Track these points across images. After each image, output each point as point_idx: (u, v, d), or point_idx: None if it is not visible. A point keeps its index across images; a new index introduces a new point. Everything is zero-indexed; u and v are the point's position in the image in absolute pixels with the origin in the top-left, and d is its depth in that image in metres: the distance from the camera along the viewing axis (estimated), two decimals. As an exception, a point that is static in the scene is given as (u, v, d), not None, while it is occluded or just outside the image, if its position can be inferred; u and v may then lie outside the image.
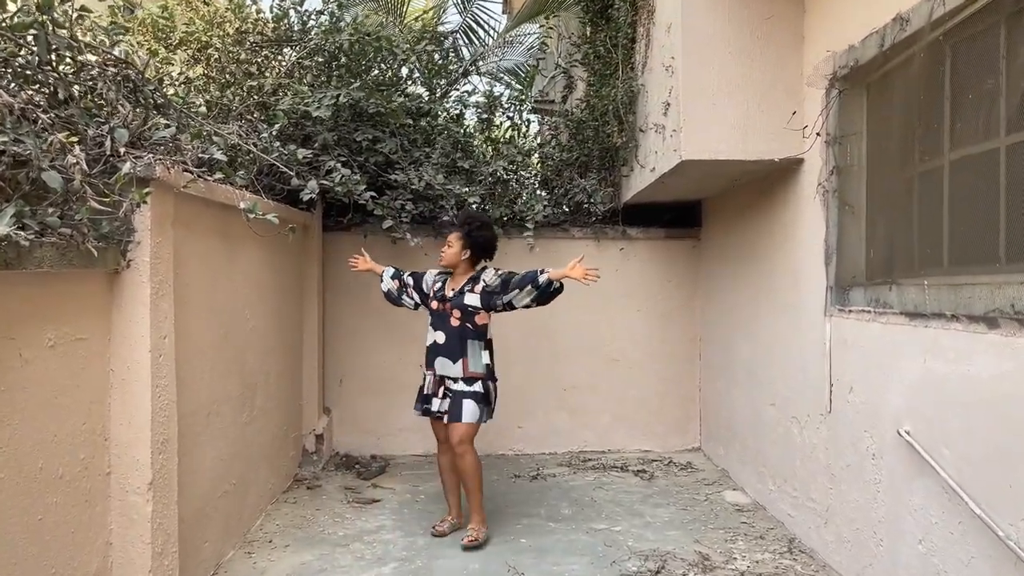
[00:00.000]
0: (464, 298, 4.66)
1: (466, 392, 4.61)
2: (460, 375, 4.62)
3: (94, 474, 3.03)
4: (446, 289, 4.76)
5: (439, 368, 4.69)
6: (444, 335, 4.67)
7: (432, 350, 4.73)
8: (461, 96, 6.85)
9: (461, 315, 4.65)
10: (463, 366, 4.63)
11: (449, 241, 4.76)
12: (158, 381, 3.25)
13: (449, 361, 4.65)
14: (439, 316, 4.72)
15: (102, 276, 3.09)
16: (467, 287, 4.70)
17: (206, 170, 4.03)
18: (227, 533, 4.35)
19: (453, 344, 4.64)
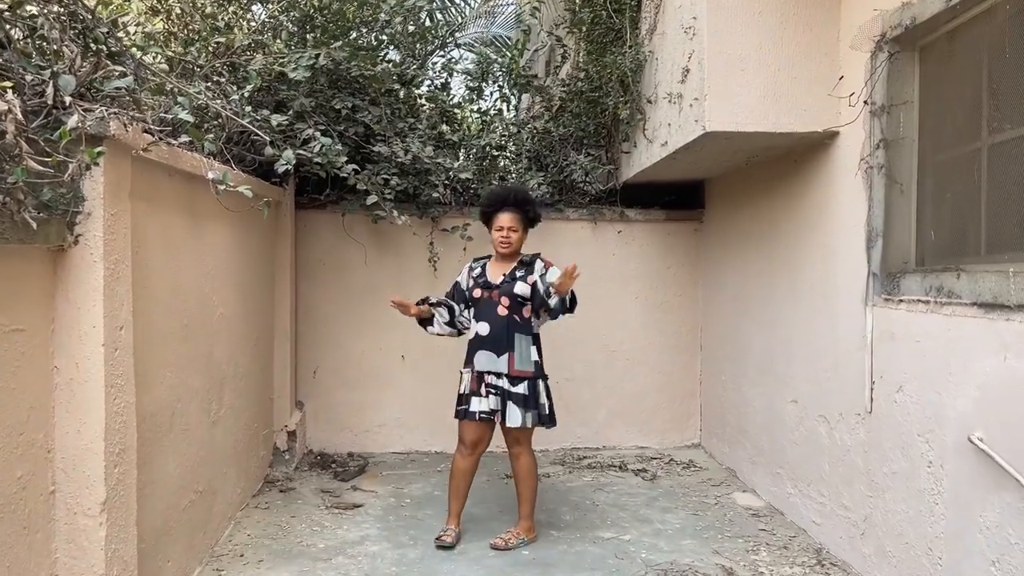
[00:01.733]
0: (515, 285, 4.17)
1: (511, 393, 4.13)
2: (505, 371, 4.12)
3: (34, 495, 2.50)
4: (489, 274, 4.26)
5: (481, 364, 4.17)
6: (488, 326, 4.16)
7: (474, 344, 4.22)
8: (447, 63, 6.31)
9: (510, 304, 4.16)
10: (508, 362, 4.13)
11: (511, 225, 4.19)
12: (114, 380, 2.71)
13: (493, 355, 4.14)
14: (484, 305, 4.20)
15: (44, 254, 2.53)
16: (519, 273, 4.21)
17: (169, 133, 3.48)
18: (192, 548, 3.82)
19: (499, 336, 4.14)
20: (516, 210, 4.21)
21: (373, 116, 5.40)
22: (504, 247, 4.21)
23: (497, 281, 4.20)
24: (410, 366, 6.23)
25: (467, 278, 4.35)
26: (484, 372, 4.15)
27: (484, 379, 4.15)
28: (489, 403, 4.15)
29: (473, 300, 4.25)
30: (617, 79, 5.47)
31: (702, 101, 4.14)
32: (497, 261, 4.30)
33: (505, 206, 4.21)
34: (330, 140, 4.60)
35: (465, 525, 4.52)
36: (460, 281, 4.38)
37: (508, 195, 4.25)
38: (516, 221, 4.20)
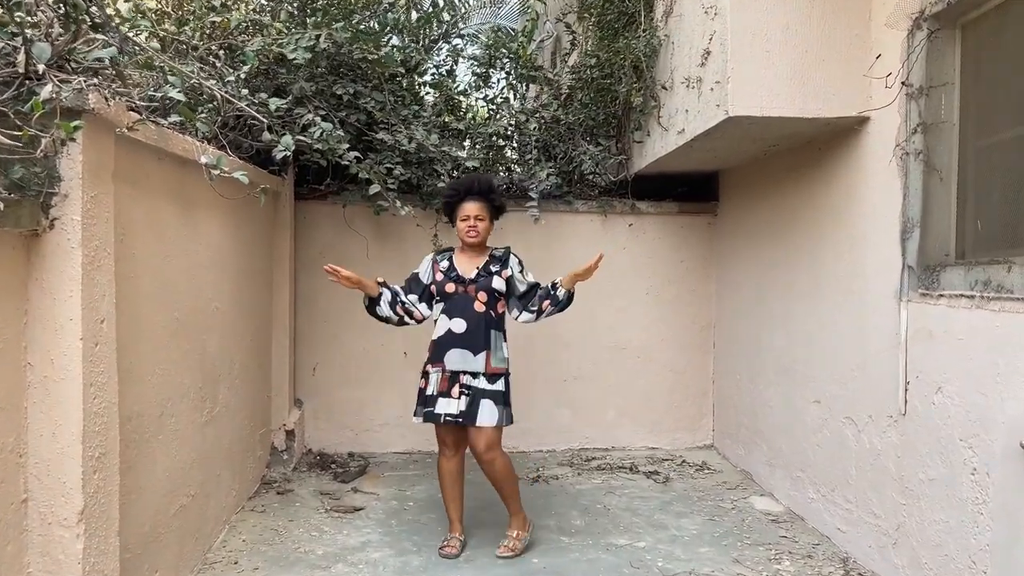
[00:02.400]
0: (492, 280, 4.00)
1: (487, 391, 3.91)
2: (482, 370, 3.90)
3: (4, 504, 2.27)
4: (459, 268, 4.02)
5: (454, 362, 3.92)
6: (464, 323, 3.93)
7: (445, 341, 3.95)
8: (453, 48, 6.07)
9: (487, 299, 3.97)
10: (486, 360, 3.92)
11: (479, 214, 3.99)
12: (93, 378, 2.48)
13: (470, 353, 3.91)
14: (458, 300, 3.97)
15: (15, 239, 2.31)
16: (493, 268, 4.04)
17: (158, 112, 3.26)
18: (182, 556, 3.59)
19: (476, 333, 3.92)
20: (482, 199, 4.01)
21: (376, 103, 5.17)
22: (472, 237, 3.98)
23: (471, 275, 3.99)
24: (412, 363, 5.97)
25: (431, 271, 4.09)
26: (459, 372, 3.91)
27: (459, 379, 3.90)
28: (460, 404, 3.89)
29: (444, 295, 3.99)
30: (630, 64, 5.24)
31: (724, 84, 3.91)
32: (465, 253, 4.08)
33: (470, 194, 4.00)
34: (331, 125, 4.37)
35: (469, 530, 4.30)
36: (420, 273, 4.12)
37: (473, 183, 4.04)
38: (483, 210, 4.00)
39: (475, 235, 3.99)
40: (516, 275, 4.05)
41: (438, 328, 4.01)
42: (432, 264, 4.12)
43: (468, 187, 4.03)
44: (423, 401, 4.02)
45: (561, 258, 5.77)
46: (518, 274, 4.06)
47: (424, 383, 4.04)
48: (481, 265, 4.03)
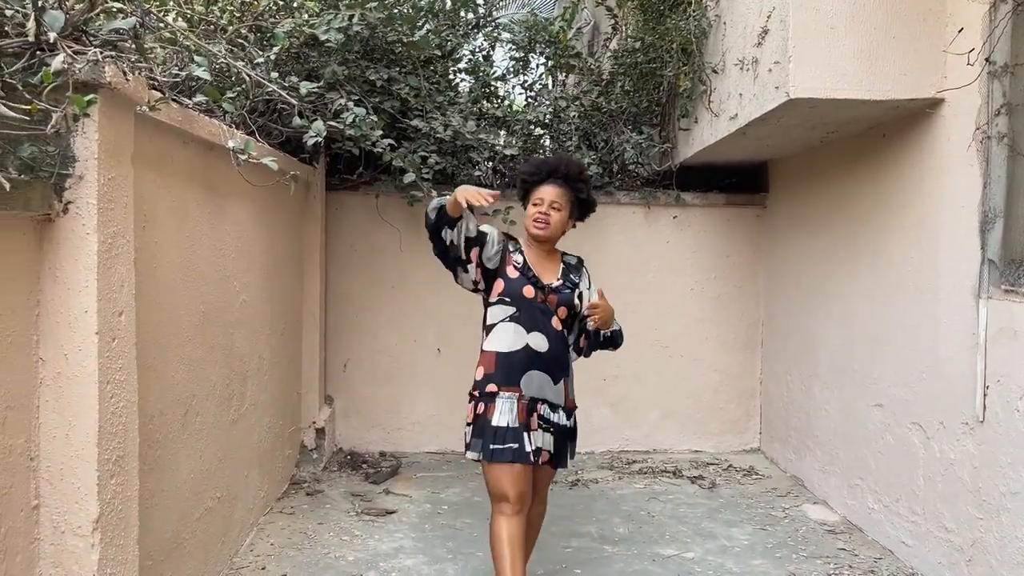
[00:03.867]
0: (574, 294, 3.17)
1: (567, 430, 3.18)
2: (562, 403, 3.14)
3: (13, 511, 2.09)
4: (536, 269, 3.16)
5: (533, 388, 3.05)
6: (546, 340, 3.08)
7: (521, 360, 3.05)
8: (491, 33, 5.85)
9: (566, 316, 3.16)
10: (564, 391, 3.16)
11: (555, 202, 3.12)
12: (110, 375, 2.29)
13: (550, 380, 3.08)
14: (536, 311, 3.09)
15: (26, 224, 2.12)
16: (575, 278, 3.23)
17: (183, 93, 3.07)
18: (207, 562, 3.42)
19: (557, 356, 3.12)
20: (565, 185, 3.15)
21: (411, 89, 4.96)
22: (539, 227, 3.11)
23: (552, 282, 3.15)
24: (446, 360, 5.79)
25: (501, 253, 3.15)
26: (538, 400, 3.06)
27: (536, 409, 3.05)
28: (543, 441, 3.07)
29: (517, 299, 3.09)
30: (678, 47, 4.97)
31: (784, 64, 3.64)
32: (534, 251, 3.21)
33: (553, 176, 3.16)
34: (364, 111, 4.17)
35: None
36: (487, 235, 3.12)
37: (560, 164, 3.20)
38: (562, 198, 3.14)
39: (543, 226, 3.11)
40: (586, 292, 3.24)
41: (505, 340, 3.08)
42: (504, 247, 3.17)
43: (552, 167, 3.17)
44: (493, 434, 3.00)
45: (602, 251, 5.53)
46: (587, 291, 3.24)
47: (486, 409, 3.04)
48: (560, 272, 3.21)
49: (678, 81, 5.04)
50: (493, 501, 3.05)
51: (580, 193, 3.21)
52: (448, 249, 3.02)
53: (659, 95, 5.61)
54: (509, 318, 3.10)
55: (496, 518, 3.02)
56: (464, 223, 2.97)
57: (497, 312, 3.13)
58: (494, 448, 2.97)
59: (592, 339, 3.21)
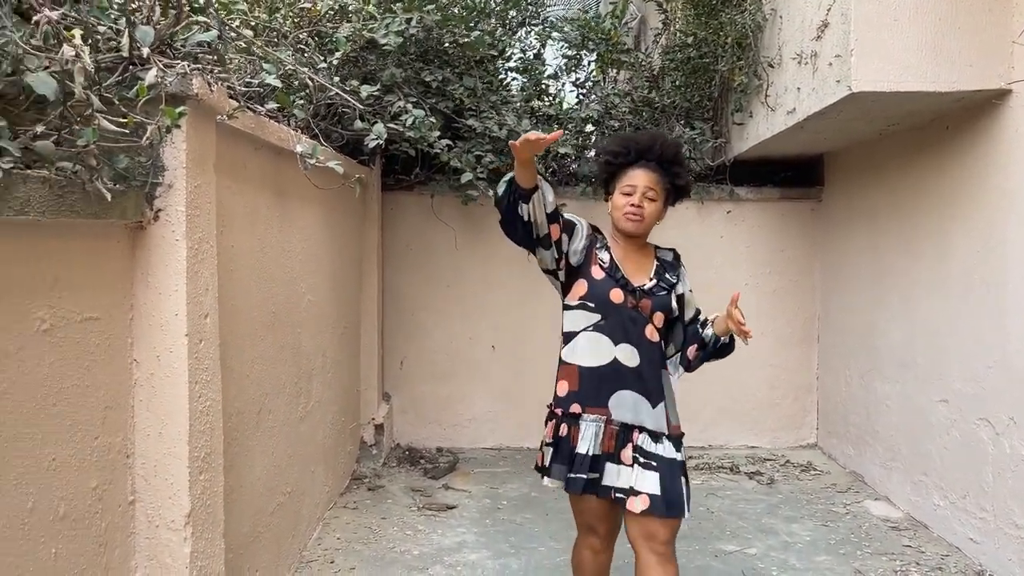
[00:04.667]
0: (671, 297, 2.66)
1: (677, 463, 2.58)
2: (665, 430, 2.59)
3: (111, 506, 2.19)
4: (626, 270, 2.64)
5: (624, 411, 2.57)
6: (637, 353, 2.58)
7: (607, 375, 2.59)
8: (542, 31, 5.88)
9: (663, 324, 2.64)
10: (665, 414, 2.61)
11: (648, 187, 2.59)
12: (198, 376, 2.38)
13: (646, 402, 2.58)
14: (625, 318, 2.59)
15: (120, 231, 2.21)
16: (672, 278, 2.70)
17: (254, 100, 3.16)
18: (280, 555, 3.52)
19: (652, 372, 2.61)
20: (660, 170, 2.61)
21: (465, 89, 5.02)
22: (632, 220, 2.58)
23: (644, 284, 2.62)
24: (500, 357, 5.85)
25: (586, 247, 2.66)
26: (632, 426, 2.57)
27: (631, 438, 2.56)
28: (631, 478, 2.55)
29: (601, 303, 2.60)
30: (733, 42, 4.95)
31: (846, 58, 3.61)
32: (621, 247, 2.68)
33: (645, 158, 2.61)
34: (423, 113, 4.23)
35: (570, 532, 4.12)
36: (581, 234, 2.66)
37: (653, 144, 2.63)
38: (657, 184, 2.60)
39: (637, 219, 2.58)
40: (687, 294, 2.72)
41: (589, 352, 2.61)
42: (589, 242, 2.68)
43: (645, 147, 2.63)
44: (569, 460, 2.59)
45: (655, 248, 5.54)
46: (688, 293, 2.73)
47: (570, 432, 2.61)
48: (653, 271, 2.68)
49: (732, 76, 5.02)
50: (579, 529, 2.77)
51: (677, 179, 2.66)
52: (526, 228, 2.53)
53: (711, 90, 5.59)
54: (593, 327, 2.60)
55: (581, 549, 2.80)
56: (541, 194, 2.49)
57: (578, 319, 2.64)
58: (571, 477, 2.57)
59: (708, 349, 2.67)
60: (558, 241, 2.59)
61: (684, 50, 5.61)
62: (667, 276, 2.68)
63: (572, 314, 2.68)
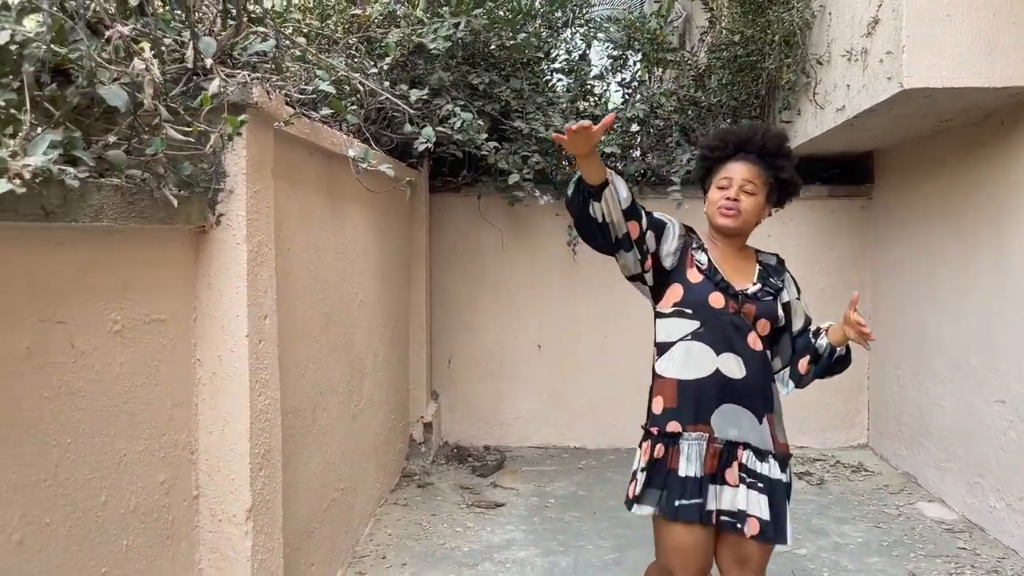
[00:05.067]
0: (777, 303, 2.45)
1: (783, 484, 2.38)
2: (771, 448, 2.38)
3: (177, 500, 2.28)
4: (726, 272, 2.42)
5: (728, 428, 2.35)
6: (742, 364, 2.36)
7: (709, 389, 2.36)
8: (586, 33, 5.90)
9: (769, 332, 2.42)
10: (770, 429, 2.38)
11: (747, 182, 2.40)
12: (258, 375, 2.46)
13: (751, 416, 2.36)
14: (727, 325, 2.37)
15: (184, 235, 2.30)
16: (777, 282, 2.49)
17: (308, 106, 3.24)
18: (334, 550, 3.60)
19: (759, 385, 2.39)
20: (761, 162, 2.42)
21: (512, 91, 5.07)
22: (728, 216, 2.38)
23: (747, 288, 2.41)
24: (546, 356, 5.89)
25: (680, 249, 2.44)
26: (736, 444, 2.35)
27: (737, 456, 2.34)
28: (737, 499, 2.33)
29: (699, 308, 2.38)
30: (780, 39, 4.91)
31: (897, 55, 3.57)
32: (719, 248, 2.48)
33: (744, 150, 2.43)
34: (470, 116, 4.29)
35: (618, 531, 4.14)
36: (666, 225, 2.44)
37: (753, 135, 2.46)
38: (757, 178, 2.41)
39: (732, 214, 2.38)
40: (794, 301, 2.50)
41: (688, 364, 2.39)
42: (683, 243, 2.46)
43: (743, 139, 2.45)
44: (681, 487, 2.33)
45: (702, 247, 5.52)
46: (795, 300, 2.51)
47: (668, 453, 2.37)
48: (756, 275, 2.47)
49: (780, 74, 4.98)
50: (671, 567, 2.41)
51: (781, 172, 2.45)
52: (602, 229, 2.34)
53: (758, 87, 5.55)
54: (692, 335, 2.38)
55: None
56: (612, 190, 2.29)
57: (674, 327, 2.42)
58: (680, 505, 2.30)
59: (822, 362, 2.45)
60: (639, 240, 2.37)
61: (731, 48, 5.58)
62: (771, 280, 2.47)
63: (666, 322, 2.45)
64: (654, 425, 2.44)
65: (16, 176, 1.50)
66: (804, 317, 2.53)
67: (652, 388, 2.49)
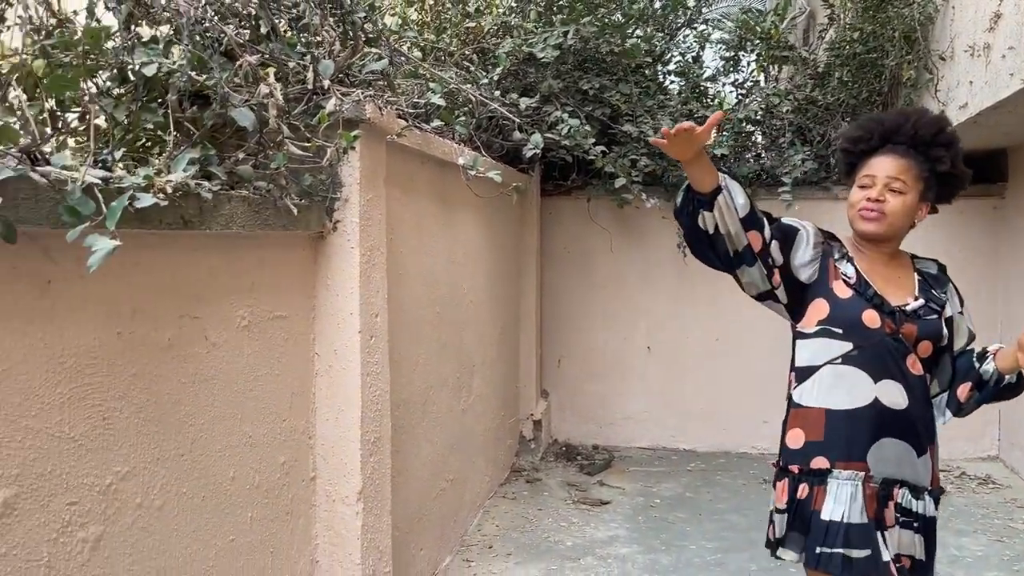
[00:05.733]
0: (941, 320, 2.14)
1: (934, 520, 2.18)
2: (927, 484, 2.14)
3: (296, 480, 2.51)
4: (879, 285, 2.12)
5: (885, 463, 2.07)
6: (904, 393, 2.08)
7: (870, 422, 2.07)
8: (700, 34, 5.90)
9: (931, 353, 2.13)
10: (931, 464, 2.15)
11: (892, 179, 2.09)
12: (369, 368, 2.68)
13: (911, 451, 2.08)
14: (885, 348, 2.08)
15: (304, 240, 2.54)
16: (940, 295, 2.18)
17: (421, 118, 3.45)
18: (443, 538, 3.80)
19: (922, 415, 2.11)
20: (913, 155, 2.11)
21: (621, 95, 5.15)
22: (867, 218, 2.10)
23: (906, 303, 2.11)
24: (656, 358, 5.92)
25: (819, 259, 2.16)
26: (894, 482, 2.08)
27: (892, 495, 2.08)
28: (903, 543, 2.11)
29: (855, 330, 2.08)
30: (900, 35, 4.77)
31: (1020, 50, 3.42)
32: (866, 256, 2.18)
33: (892, 141, 2.13)
34: (577, 122, 4.41)
35: (723, 533, 4.16)
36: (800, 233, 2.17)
37: (902, 123, 2.14)
38: (908, 174, 2.09)
39: (874, 217, 2.09)
40: (956, 316, 2.20)
41: (839, 391, 2.10)
42: (822, 251, 2.17)
43: (892, 128, 2.15)
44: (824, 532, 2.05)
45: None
46: (958, 315, 2.21)
47: (812, 493, 2.09)
48: (917, 287, 2.17)
49: (901, 71, 4.83)
50: None
51: (939, 164, 2.12)
52: (715, 243, 2.07)
53: (880, 85, 5.39)
54: (842, 358, 2.08)
55: None
56: (727, 197, 2.01)
57: (819, 349, 2.12)
58: (822, 552, 2.04)
59: (988, 389, 2.12)
60: (762, 252, 2.08)
61: (850, 45, 5.44)
62: (934, 293, 2.15)
63: (810, 343, 2.15)
64: (793, 462, 2.13)
65: (160, 191, 1.74)
66: (967, 334, 2.20)
67: (788, 419, 2.18)
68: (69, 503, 1.61)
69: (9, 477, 1.48)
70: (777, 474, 2.20)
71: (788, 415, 2.19)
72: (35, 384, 1.53)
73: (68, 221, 1.49)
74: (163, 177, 1.79)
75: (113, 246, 1.48)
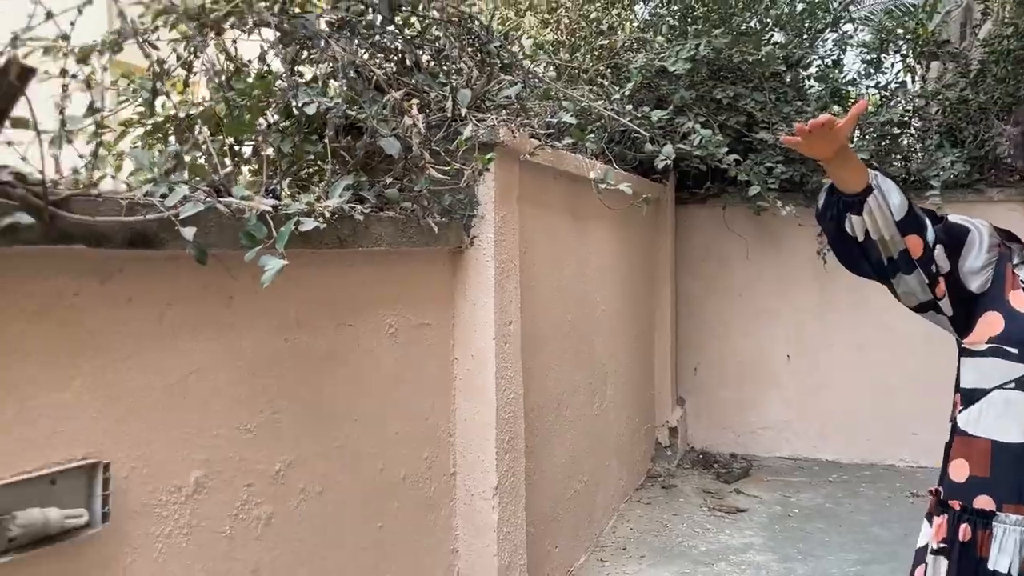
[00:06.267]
0: None
1: None
2: None
3: (438, 475, 2.74)
4: None
5: None
6: None
7: None
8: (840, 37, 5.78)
9: None
10: None
11: None
12: (503, 372, 2.87)
13: None
14: None
15: (444, 255, 2.77)
16: None
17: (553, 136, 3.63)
18: (577, 537, 3.95)
19: None
20: None
21: (756, 103, 5.14)
22: None
23: None
24: (795, 367, 5.83)
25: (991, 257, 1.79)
26: None
27: None
28: None
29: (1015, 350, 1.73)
30: (1058, 29, 4.51)
31: None
32: None
33: None
34: (710, 132, 4.46)
35: (864, 545, 4.08)
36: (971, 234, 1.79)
37: None
38: None
39: None
40: None
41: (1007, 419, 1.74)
42: (996, 256, 1.80)
43: None
44: None
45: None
46: None
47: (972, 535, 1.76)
48: None
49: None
50: None
51: None
52: (865, 249, 1.79)
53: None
54: (1016, 383, 1.73)
55: None
56: (879, 198, 1.72)
57: (989, 370, 1.78)
58: None
59: None
60: (924, 258, 1.76)
61: (1007, 40, 5.18)
62: None
63: (978, 363, 1.81)
64: (954, 497, 1.82)
65: (320, 215, 2.00)
66: None
67: (951, 446, 1.88)
68: (246, 484, 1.88)
69: (200, 460, 1.76)
70: (936, 507, 1.89)
71: (952, 441, 1.87)
72: (220, 383, 1.81)
73: (246, 244, 1.76)
74: (323, 203, 2.05)
75: (282, 265, 1.73)
